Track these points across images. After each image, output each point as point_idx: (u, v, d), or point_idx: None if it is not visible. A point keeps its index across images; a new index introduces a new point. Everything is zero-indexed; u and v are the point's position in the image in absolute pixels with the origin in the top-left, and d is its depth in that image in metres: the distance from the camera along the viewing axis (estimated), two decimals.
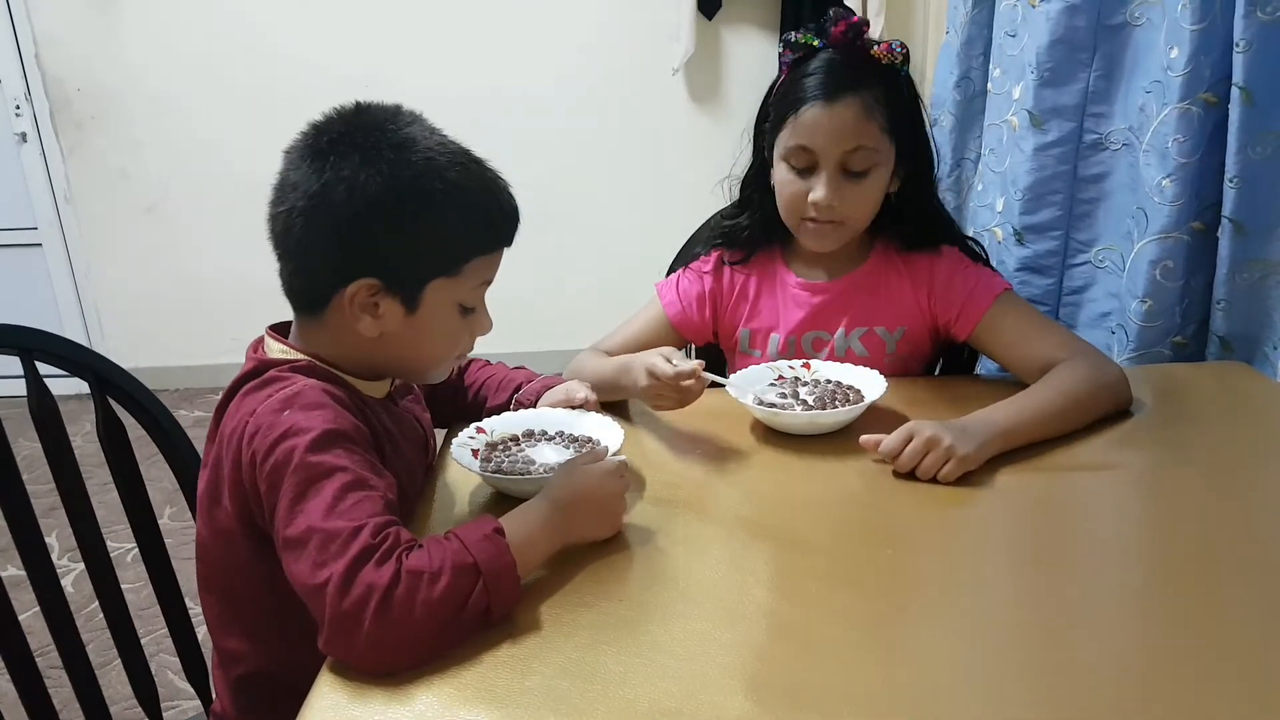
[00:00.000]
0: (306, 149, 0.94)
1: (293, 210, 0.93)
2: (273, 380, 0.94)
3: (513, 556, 0.84)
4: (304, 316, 1.00)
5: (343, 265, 0.94)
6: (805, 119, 1.24)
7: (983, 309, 1.29)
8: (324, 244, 0.93)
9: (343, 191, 0.91)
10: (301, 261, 0.96)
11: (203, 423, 3.18)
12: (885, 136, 1.25)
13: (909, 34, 3.04)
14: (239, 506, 0.92)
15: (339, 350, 0.99)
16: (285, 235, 0.95)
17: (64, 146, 3.28)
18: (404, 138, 0.94)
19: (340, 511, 0.82)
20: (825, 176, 1.25)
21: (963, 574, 0.95)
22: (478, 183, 0.97)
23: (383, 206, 0.91)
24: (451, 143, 0.98)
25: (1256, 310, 1.45)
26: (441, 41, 3.13)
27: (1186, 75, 1.43)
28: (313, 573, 0.79)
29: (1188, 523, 1.01)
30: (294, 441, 0.86)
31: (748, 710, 0.74)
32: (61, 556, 2.34)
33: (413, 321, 0.97)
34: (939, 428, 1.09)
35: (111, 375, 1.17)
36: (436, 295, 0.97)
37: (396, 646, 0.78)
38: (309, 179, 0.92)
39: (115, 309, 3.47)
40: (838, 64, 1.24)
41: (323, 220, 0.92)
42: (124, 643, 1.18)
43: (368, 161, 0.91)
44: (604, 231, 3.29)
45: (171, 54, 3.17)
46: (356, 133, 0.93)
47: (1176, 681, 0.76)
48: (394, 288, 0.95)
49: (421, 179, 0.93)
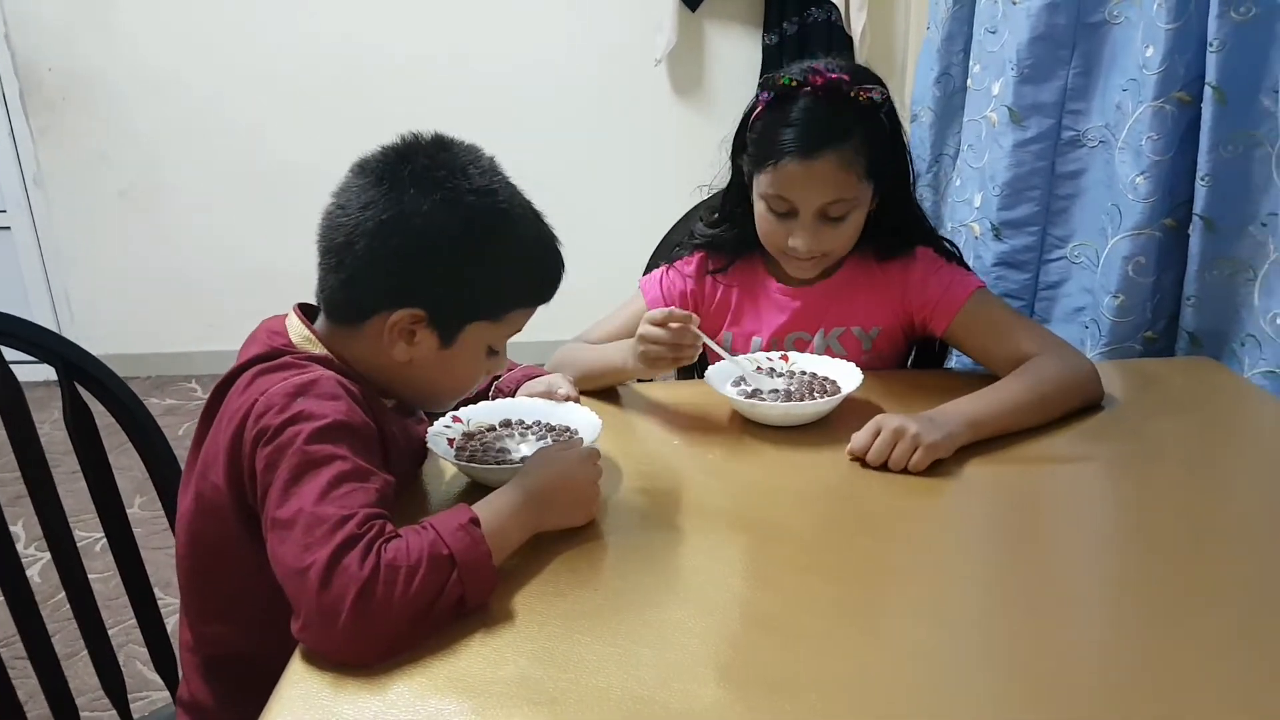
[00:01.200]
0: (387, 173, 0.94)
1: (359, 227, 0.93)
2: (289, 365, 0.94)
3: (488, 547, 0.84)
4: (336, 323, 1.00)
5: (395, 292, 0.95)
6: (784, 172, 1.23)
7: (956, 307, 1.30)
8: (384, 268, 0.94)
9: (418, 224, 0.92)
10: (354, 277, 0.96)
11: (175, 411, 3.16)
12: (863, 182, 1.25)
13: (890, 30, 3.04)
14: (232, 482, 0.92)
15: (362, 362, 0.99)
16: (345, 248, 0.95)
17: (34, 128, 3.23)
18: (486, 184, 0.96)
19: (332, 499, 0.82)
20: (804, 224, 1.25)
21: (936, 563, 0.96)
22: (541, 240, 1.00)
23: (452, 245, 0.93)
24: (521, 194, 1.00)
25: (1225, 307, 1.47)
26: (426, 28, 3.11)
27: (1161, 74, 1.44)
28: (297, 556, 0.79)
29: (1157, 514, 1.02)
30: (301, 426, 0.86)
31: (721, 698, 0.74)
32: (28, 546, 2.31)
33: (443, 356, 0.98)
34: (905, 419, 1.10)
35: (80, 362, 1.16)
36: (473, 336, 0.99)
37: (372, 640, 0.78)
38: (386, 203, 0.93)
39: (85, 294, 3.42)
40: (816, 115, 1.22)
41: (390, 245, 0.93)
42: (91, 633, 1.16)
43: (448, 201, 0.93)
44: (585, 222, 3.25)
45: (146, 34, 3.13)
46: (440, 169, 0.94)
47: (1147, 670, 0.77)
48: (436, 322, 0.96)
49: (496, 228, 0.95)
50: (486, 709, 0.74)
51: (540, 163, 3.19)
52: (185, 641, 1.05)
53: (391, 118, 3.51)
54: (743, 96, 1.30)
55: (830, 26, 2.95)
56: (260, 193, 3.25)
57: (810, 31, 2.97)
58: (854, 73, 1.25)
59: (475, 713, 0.74)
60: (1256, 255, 1.42)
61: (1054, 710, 0.73)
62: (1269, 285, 1.39)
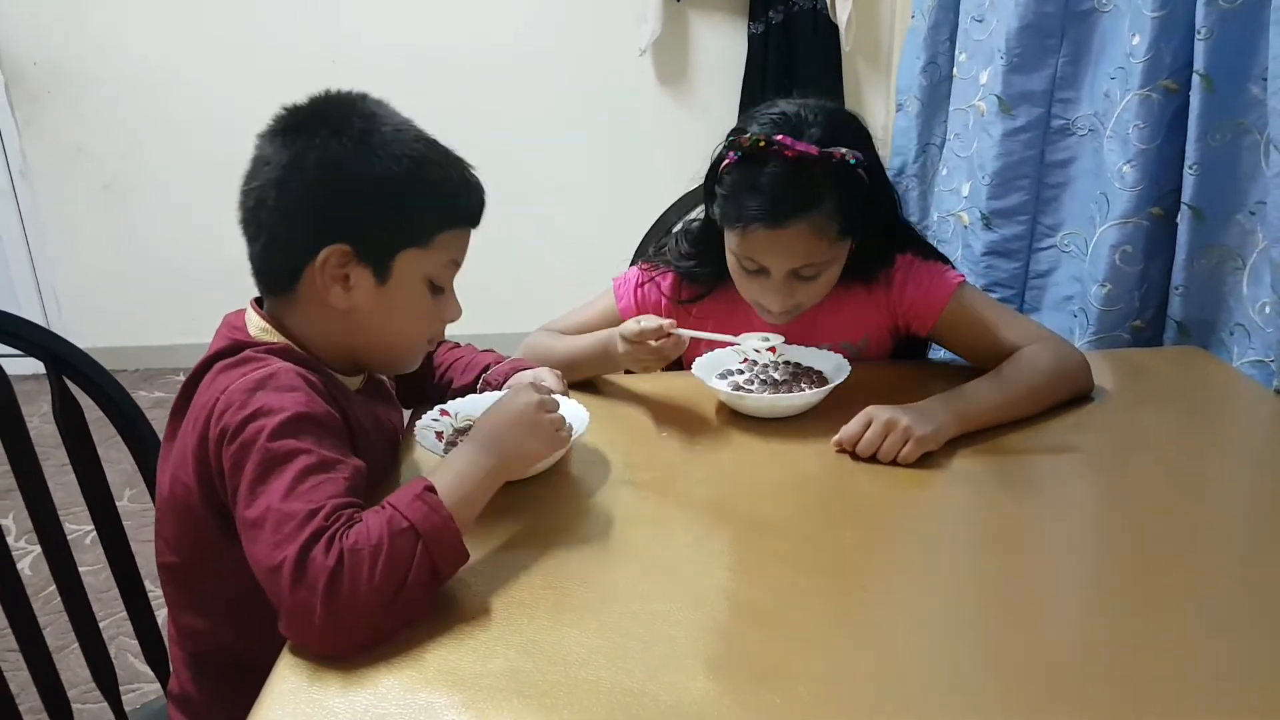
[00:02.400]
0: (277, 128, 0.96)
1: (265, 184, 0.94)
2: (248, 360, 0.93)
3: (447, 511, 0.84)
4: (276, 297, 1.00)
5: (314, 233, 0.94)
6: (752, 238, 1.18)
7: (939, 308, 1.28)
8: (296, 213, 0.95)
9: (313, 159, 0.93)
10: (273, 235, 0.96)
11: (163, 404, 3.14)
12: (837, 243, 1.20)
13: (876, 19, 3.04)
14: (202, 482, 0.92)
15: (313, 331, 0.99)
16: (257, 210, 0.95)
17: (19, 121, 3.21)
18: (371, 113, 0.97)
19: (298, 494, 0.82)
20: (775, 284, 1.21)
21: (924, 555, 0.96)
22: (444, 157, 1.00)
23: (352, 172, 0.94)
24: (415, 125, 1.00)
25: (1213, 296, 1.47)
26: (408, 18, 3.09)
27: (1147, 62, 1.44)
28: (269, 554, 0.79)
29: (1145, 505, 1.03)
30: (262, 422, 0.86)
31: (709, 690, 0.75)
32: (18, 539, 2.31)
33: (383, 294, 0.97)
34: (896, 411, 1.10)
35: (68, 355, 1.15)
36: (407, 266, 0.97)
37: (351, 629, 0.78)
38: (280, 153, 0.94)
39: (72, 287, 3.41)
40: (784, 183, 1.14)
41: (294, 189, 0.94)
42: (82, 626, 1.16)
43: (338, 131, 0.94)
44: (568, 213, 3.27)
45: (131, 28, 3.10)
46: (326, 109, 0.97)
47: (1135, 660, 0.78)
48: (365, 256, 0.95)
49: (390, 147, 0.95)
50: (476, 702, 0.74)
51: (524, 154, 3.21)
52: (172, 635, 1.05)
53: None
54: (728, 87, 1.29)
55: (816, 15, 2.95)
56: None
57: (795, 20, 2.96)
58: (828, 130, 1.17)
59: (465, 706, 0.74)
60: (1245, 244, 1.42)
61: (1040, 699, 0.74)
62: (1257, 274, 1.39)
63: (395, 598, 0.79)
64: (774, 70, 2.98)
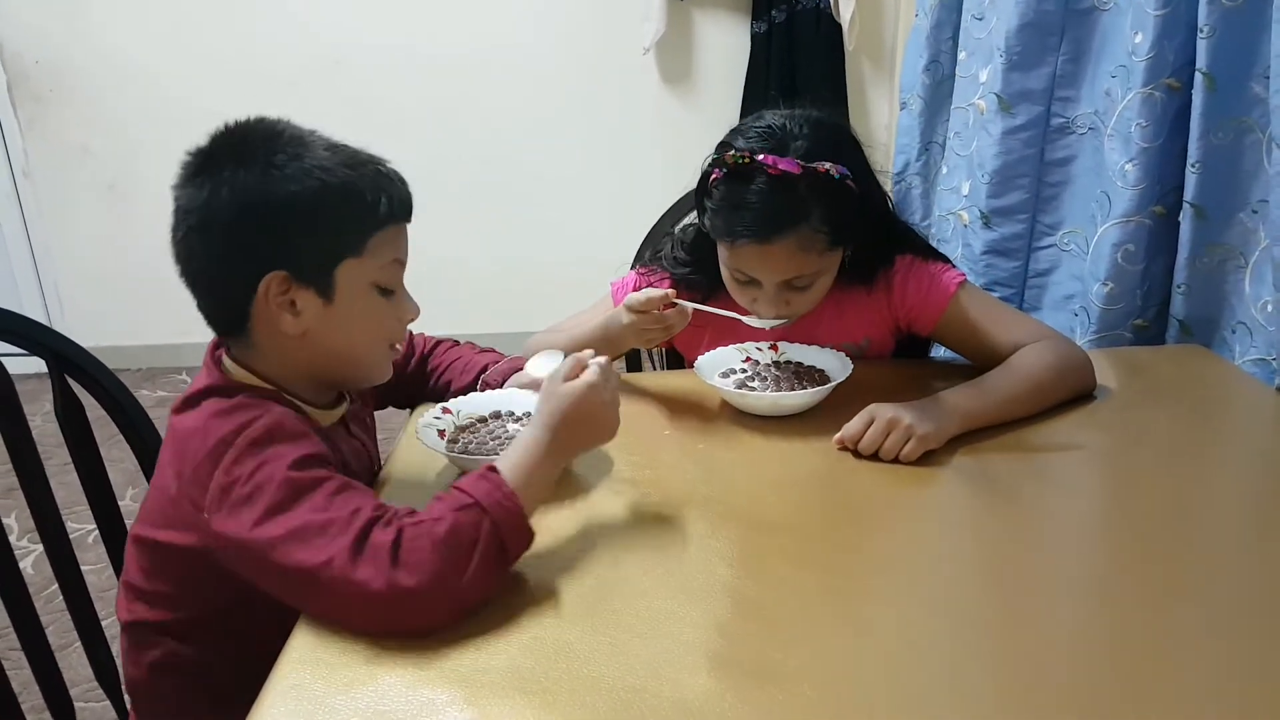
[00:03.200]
0: (186, 174, 0.95)
1: (188, 233, 0.93)
2: (245, 406, 0.91)
3: (510, 488, 0.85)
4: (234, 342, 0.99)
5: (247, 269, 0.93)
6: (741, 253, 1.19)
7: (940, 308, 1.28)
8: (225, 254, 0.94)
9: (225, 194, 0.92)
10: (210, 281, 0.96)
11: (165, 402, 3.14)
12: (827, 254, 1.20)
13: (879, 17, 3.04)
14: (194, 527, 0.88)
15: (279, 366, 0.98)
16: (189, 261, 0.95)
17: (21, 120, 3.21)
18: (273, 134, 0.95)
19: (335, 504, 0.83)
20: (767, 294, 1.22)
21: (925, 552, 0.96)
22: (354, 160, 0.97)
23: (267, 196, 0.92)
24: (322, 135, 0.98)
25: (1215, 294, 1.47)
26: (409, 17, 3.09)
27: (1150, 60, 1.44)
28: (314, 554, 0.80)
29: (1147, 502, 1.03)
30: (276, 465, 0.85)
31: (711, 687, 0.75)
32: (21, 538, 2.31)
33: (333, 311, 0.96)
34: (898, 409, 1.10)
35: (70, 354, 1.15)
36: (348, 277, 0.96)
37: (419, 603, 0.79)
38: (194, 198, 0.93)
39: (75, 287, 3.41)
40: (771, 198, 1.14)
41: (216, 230, 0.93)
42: (84, 625, 1.17)
43: (242, 162, 0.93)
44: (572, 212, 3.27)
45: (133, 26, 3.10)
46: (228, 142, 0.95)
47: (1137, 658, 0.78)
48: (303, 277, 0.94)
49: (297, 162, 0.93)
50: (478, 699, 0.74)
51: (527, 153, 3.21)
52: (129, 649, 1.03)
53: (375, 106, 3.49)
54: (732, 86, 1.29)
55: (819, 14, 2.94)
56: None
57: (799, 19, 2.96)
58: (814, 142, 1.16)
59: (467, 703, 0.74)
60: (1247, 242, 1.42)
61: (1042, 696, 0.74)
62: (1259, 272, 1.39)
63: (460, 570, 0.80)
64: (777, 69, 2.98)
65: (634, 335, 1.22)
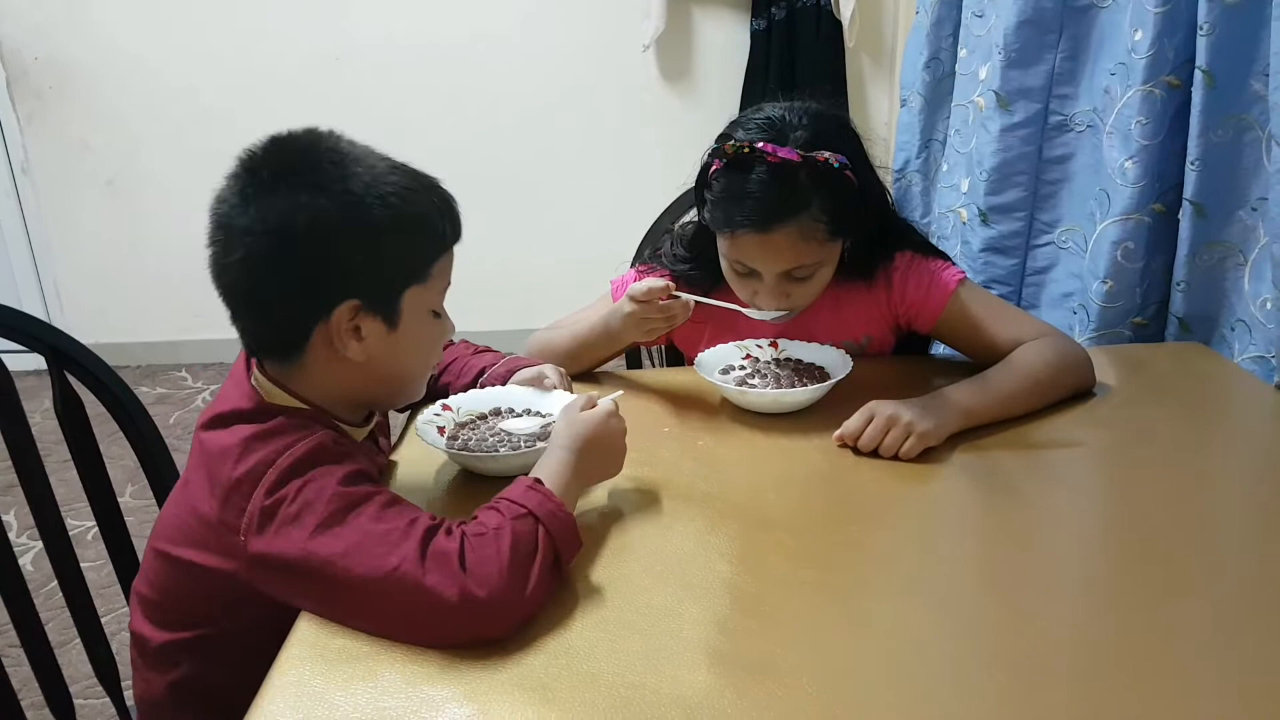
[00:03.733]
0: (247, 189, 0.90)
1: (249, 255, 0.89)
2: (286, 430, 0.90)
3: (559, 499, 0.87)
4: (279, 364, 0.95)
5: (317, 297, 0.91)
6: (741, 243, 1.20)
7: (940, 305, 1.28)
8: (295, 280, 0.90)
9: (304, 222, 0.88)
10: (270, 307, 0.92)
11: (165, 399, 3.15)
12: (826, 245, 1.20)
13: (880, 14, 3.04)
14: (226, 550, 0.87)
15: (325, 388, 0.96)
16: (245, 283, 0.91)
17: (21, 117, 3.20)
18: (341, 155, 0.92)
19: (389, 516, 0.83)
20: (767, 286, 1.22)
21: (925, 549, 0.96)
22: (420, 184, 0.96)
23: (347, 225, 0.89)
24: (378, 152, 0.96)
25: (1215, 292, 1.47)
26: (408, 14, 3.09)
27: (1150, 58, 1.44)
28: (378, 563, 0.80)
29: (1146, 500, 1.03)
30: (325, 481, 0.85)
31: (711, 683, 0.75)
32: (20, 535, 2.31)
33: (395, 337, 0.95)
34: (898, 406, 1.10)
35: (70, 351, 1.15)
36: (412, 304, 0.95)
37: (490, 609, 0.79)
38: (258, 220, 0.88)
39: (75, 283, 3.41)
40: (770, 188, 1.15)
41: (288, 256, 0.89)
42: (84, 621, 1.17)
43: (318, 186, 0.89)
44: (571, 210, 3.27)
45: (132, 23, 3.10)
46: (292, 161, 0.91)
47: (1136, 654, 0.78)
48: (373, 306, 0.92)
49: (374, 188, 0.90)
50: (477, 695, 0.74)
51: (527, 150, 3.21)
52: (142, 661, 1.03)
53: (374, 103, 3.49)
54: (731, 83, 1.29)
55: (819, 11, 2.94)
56: None
57: (799, 16, 2.95)
58: (813, 133, 1.17)
59: (467, 699, 0.74)
60: (1246, 240, 1.42)
61: (1042, 694, 0.74)
62: (1259, 270, 1.39)
63: (526, 579, 0.81)
64: (777, 67, 2.98)
65: (635, 326, 1.22)
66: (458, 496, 1.05)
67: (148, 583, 0.99)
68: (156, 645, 0.98)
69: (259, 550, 0.84)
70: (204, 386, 3.25)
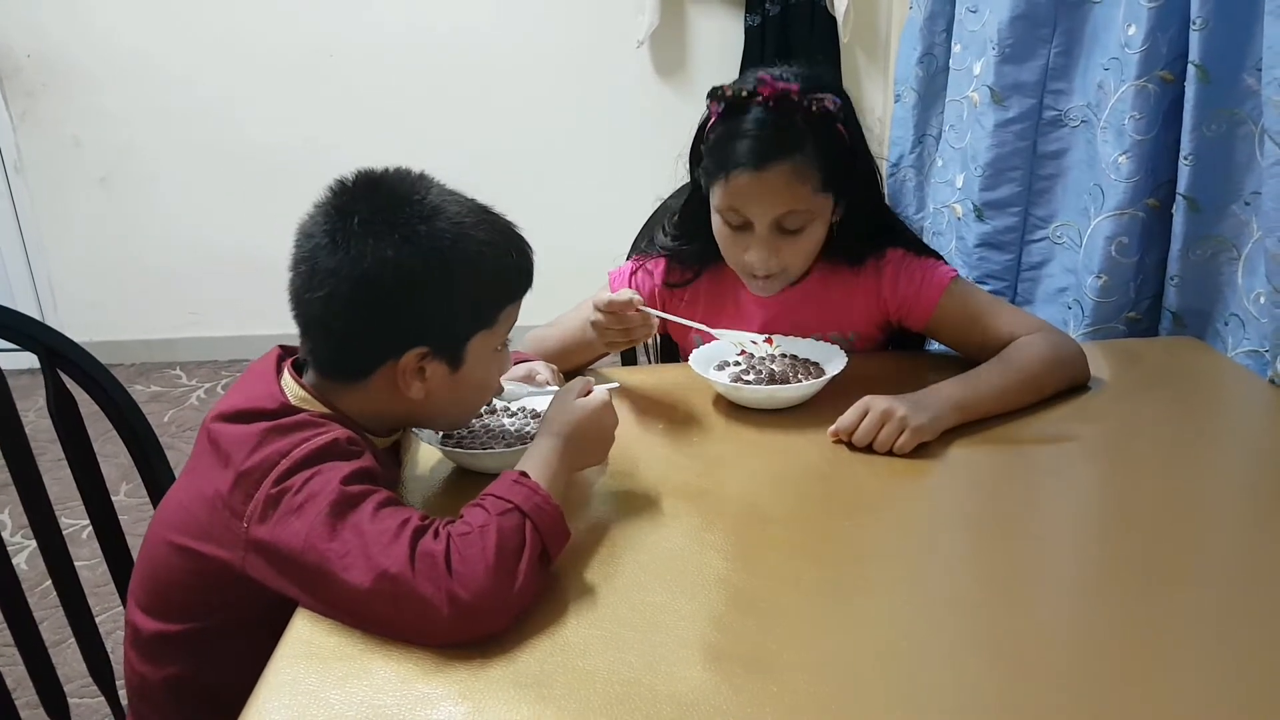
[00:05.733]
0: (336, 231, 0.92)
1: (333, 295, 0.92)
2: (305, 425, 0.91)
3: (545, 491, 0.87)
4: (335, 382, 0.98)
5: (392, 340, 0.94)
6: (735, 184, 1.20)
7: (933, 302, 1.28)
8: (372, 323, 0.94)
9: (389, 273, 0.91)
10: (345, 343, 0.96)
11: (159, 398, 3.14)
12: (819, 195, 1.21)
13: (874, 9, 3.04)
14: (229, 538, 0.87)
15: (372, 409, 0.99)
16: (326, 318, 0.94)
17: (13, 114, 3.20)
18: (431, 208, 0.94)
19: (383, 516, 0.84)
20: (759, 238, 1.22)
21: (920, 545, 0.97)
22: (503, 237, 0.99)
23: (428, 279, 0.93)
24: (468, 200, 0.99)
25: (1208, 286, 1.47)
26: (404, 8, 3.08)
27: (1144, 52, 1.44)
28: (372, 564, 0.80)
29: (1140, 494, 1.03)
30: (329, 475, 0.86)
31: (706, 680, 0.75)
32: (14, 534, 2.31)
33: (456, 378, 0.98)
34: (893, 401, 1.10)
35: (64, 349, 1.15)
36: (477, 348, 0.98)
37: (478, 609, 0.79)
38: (350, 262, 0.91)
39: (68, 281, 3.40)
40: (767, 125, 1.18)
41: (369, 302, 0.92)
42: (78, 620, 1.16)
43: (406, 240, 0.92)
44: (565, 206, 3.27)
45: (125, 20, 3.09)
46: (384, 210, 0.93)
47: (1131, 646, 0.78)
48: (440, 351, 0.96)
49: (459, 245, 0.94)
50: (473, 692, 0.74)
51: (520, 147, 3.20)
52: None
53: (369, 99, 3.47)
54: (725, 79, 1.29)
55: (813, 7, 2.94)
56: (240, 178, 3.23)
57: (793, 12, 2.95)
58: (807, 80, 1.20)
59: (461, 696, 0.74)
60: (1240, 234, 1.42)
61: (1036, 689, 0.74)
62: (1252, 264, 1.39)
63: (513, 576, 0.81)
64: (771, 63, 2.97)
65: (599, 336, 1.22)
66: (452, 493, 1.05)
67: (143, 574, 0.99)
68: (151, 637, 0.98)
69: (259, 537, 0.85)
70: (198, 384, 3.24)
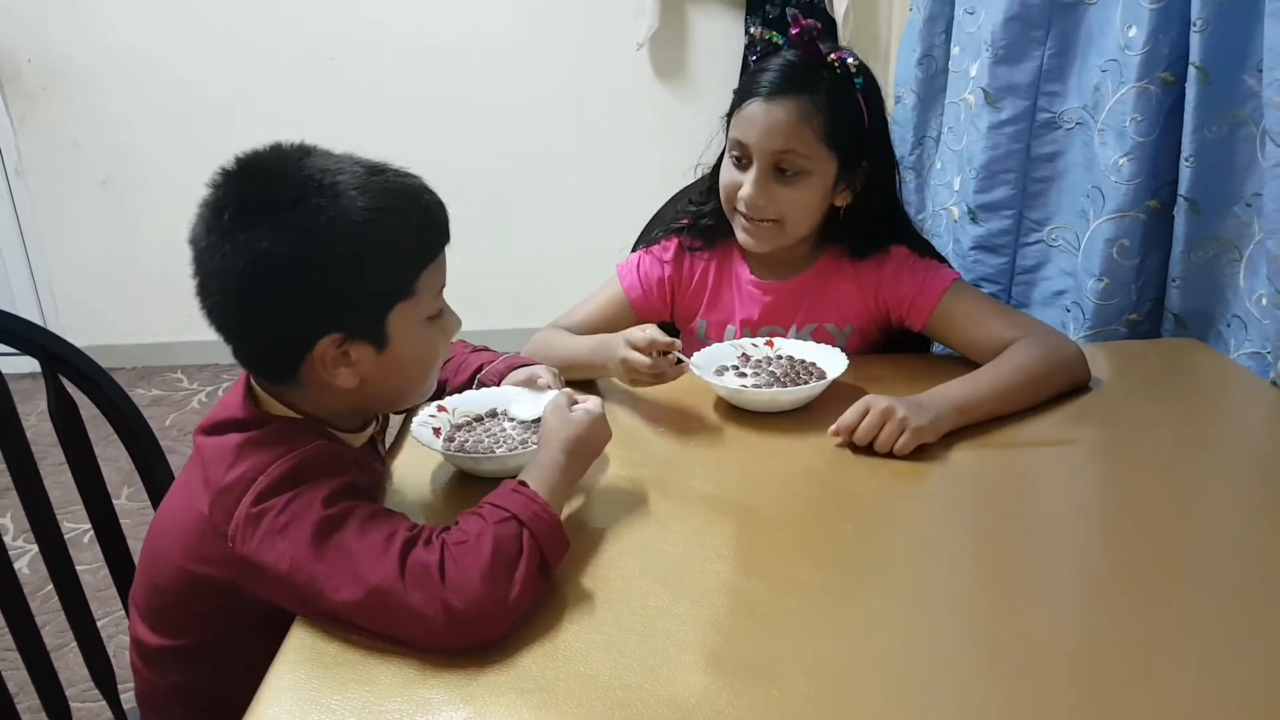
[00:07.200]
0: (212, 232, 0.87)
1: (223, 301, 0.88)
2: (279, 437, 0.89)
3: (544, 499, 0.86)
4: (273, 384, 0.94)
5: (300, 332, 0.88)
6: (745, 113, 1.26)
7: (933, 302, 1.29)
8: (271, 320, 0.89)
9: (268, 266, 0.85)
10: (254, 342, 0.91)
11: (160, 401, 3.14)
12: (821, 145, 1.25)
13: (874, 12, 3.03)
14: (218, 556, 0.86)
15: (322, 406, 0.94)
16: (226, 324, 0.90)
17: (14, 118, 3.20)
18: (303, 181, 0.87)
19: (370, 530, 0.83)
20: (754, 174, 1.26)
21: (921, 548, 0.96)
22: (395, 198, 0.90)
23: (314, 260, 0.86)
24: (351, 162, 0.90)
25: (1210, 288, 1.47)
26: (403, 10, 3.09)
27: (1144, 54, 1.44)
28: (362, 578, 0.79)
29: (1142, 496, 1.03)
30: (311, 496, 0.84)
31: (708, 684, 0.75)
32: (16, 538, 2.31)
33: (387, 356, 0.92)
34: (893, 401, 1.10)
35: (65, 353, 1.15)
36: (400, 321, 0.92)
37: (474, 618, 0.78)
38: (229, 263, 0.86)
39: (69, 285, 3.40)
40: (790, 65, 1.26)
41: (260, 299, 0.87)
42: (80, 624, 1.16)
43: (278, 224, 0.85)
44: (566, 208, 3.27)
45: (125, 24, 3.09)
46: (253, 195, 0.87)
47: (1133, 649, 0.78)
48: (357, 333, 0.90)
49: (339, 219, 0.86)
50: (474, 697, 0.74)
51: (522, 148, 3.20)
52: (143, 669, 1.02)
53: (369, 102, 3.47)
54: (726, 81, 1.30)
55: (813, 9, 2.94)
56: None
57: None
58: (835, 41, 1.28)
59: (463, 701, 0.74)
60: (1242, 236, 1.42)
61: (1038, 692, 0.74)
62: (1254, 266, 1.39)
63: (509, 585, 0.80)
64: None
65: (623, 369, 1.19)
66: (454, 498, 1.05)
67: (143, 587, 0.99)
68: (154, 649, 0.98)
69: (245, 555, 0.83)
70: (199, 388, 3.24)
